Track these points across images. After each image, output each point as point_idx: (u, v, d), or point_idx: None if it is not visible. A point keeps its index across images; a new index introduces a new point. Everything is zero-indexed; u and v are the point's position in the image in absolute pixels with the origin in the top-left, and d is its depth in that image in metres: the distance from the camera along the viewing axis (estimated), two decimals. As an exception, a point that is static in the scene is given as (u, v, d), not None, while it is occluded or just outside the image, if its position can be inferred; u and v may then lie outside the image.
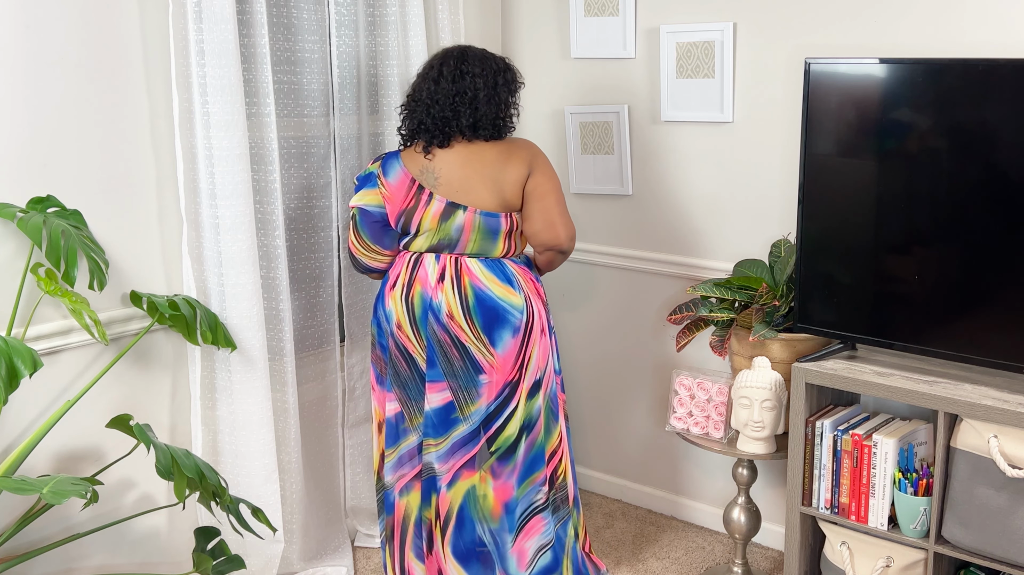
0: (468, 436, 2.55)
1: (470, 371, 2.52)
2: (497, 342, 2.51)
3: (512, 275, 2.56)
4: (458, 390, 2.53)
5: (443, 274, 2.54)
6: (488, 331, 2.51)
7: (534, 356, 2.56)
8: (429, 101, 2.54)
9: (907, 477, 2.46)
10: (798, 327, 2.70)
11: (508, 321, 2.51)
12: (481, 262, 2.55)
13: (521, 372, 2.54)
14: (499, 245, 2.55)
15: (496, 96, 2.55)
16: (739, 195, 3.08)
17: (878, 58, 2.52)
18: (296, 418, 2.89)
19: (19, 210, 2.24)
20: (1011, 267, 2.33)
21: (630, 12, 3.20)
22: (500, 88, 2.56)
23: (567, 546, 2.67)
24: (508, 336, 2.51)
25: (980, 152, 2.36)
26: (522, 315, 2.53)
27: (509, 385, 2.53)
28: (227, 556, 2.47)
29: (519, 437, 2.55)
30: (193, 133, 2.55)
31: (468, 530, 2.59)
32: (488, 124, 2.54)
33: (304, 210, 2.94)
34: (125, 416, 2.26)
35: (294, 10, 2.82)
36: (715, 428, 2.84)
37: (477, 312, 2.51)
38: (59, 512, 2.43)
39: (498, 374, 2.52)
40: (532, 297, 2.57)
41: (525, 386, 2.55)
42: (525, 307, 2.54)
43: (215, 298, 2.64)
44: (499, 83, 2.56)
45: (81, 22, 2.35)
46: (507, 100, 2.58)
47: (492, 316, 2.51)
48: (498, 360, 2.51)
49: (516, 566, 2.59)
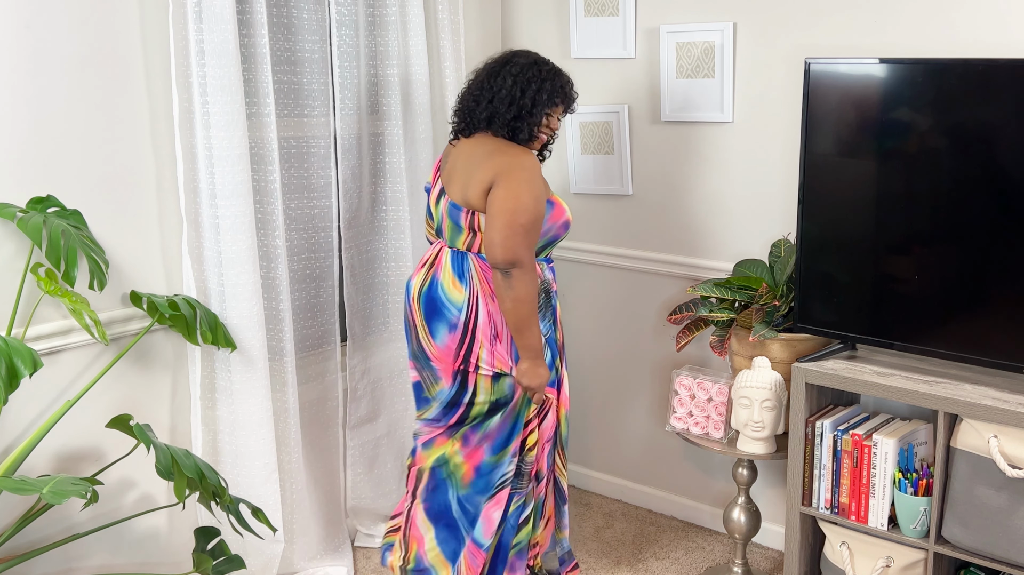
0: (439, 414, 2.63)
1: (425, 354, 2.60)
2: (435, 334, 2.56)
3: (468, 270, 2.54)
4: (421, 370, 2.63)
5: (429, 259, 2.61)
6: (428, 321, 2.57)
7: (483, 358, 2.53)
8: (465, 93, 2.60)
9: (907, 477, 2.46)
10: (798, 327, 2.70)
11: (444, 316, 2.53)
12: (451, 253, 2.57)
13: (467, 364, 2.53)
14: (462, 238, 2.55)
15: (521, 100, 2.51)
16: (739, 195, 3.08)
17: (878, 58, 2.52)
18: (296, 418, 2.89)
19: (19, 210, 2.24)
20: (1011, 267, 2.33)
21: (630, 12, 3.20)
22: (529, 94, 2.51)
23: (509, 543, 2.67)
24: (444, 330, 2.53)
25: (980, 152, 2.36)
26: (459, 313, 2.51)
27: (460, 372, 2.55)
28: (227, 556, 2.47)
29: (490, 413, 2.59)
30: (193, 133, 2.55)
31: (440, 493, 2.67)
32: (503, 123, 2.52)
33: (304, 210, 2.94)
34: (125, 416, 2.26)
35: (294, 10, 2.82)
36: (715, 428, 2.84)
37: (422, 301, 2.57)
38: (59, 512, 2.43)
39: (443, 363, 2.56)
40: (481, 297, 2.52)
41: (483, 374, 2.54)
42: (465, 305, 2.51)
43: (215, 298, 2.64)
44: (531, 90, 2.51)
45: (81, 22, 2.35)
46: (531, 108, 2.51)
47: (431, 308, 2.56)
48: (437, 350, 2.56)
49: (482, 533, 2.61)
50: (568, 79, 2.59)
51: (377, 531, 3.24)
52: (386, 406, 3.23)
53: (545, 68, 2.55)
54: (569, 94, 2.58)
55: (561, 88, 2.56)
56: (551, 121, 2.57)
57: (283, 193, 2.86)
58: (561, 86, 2.56)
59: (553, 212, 2.56)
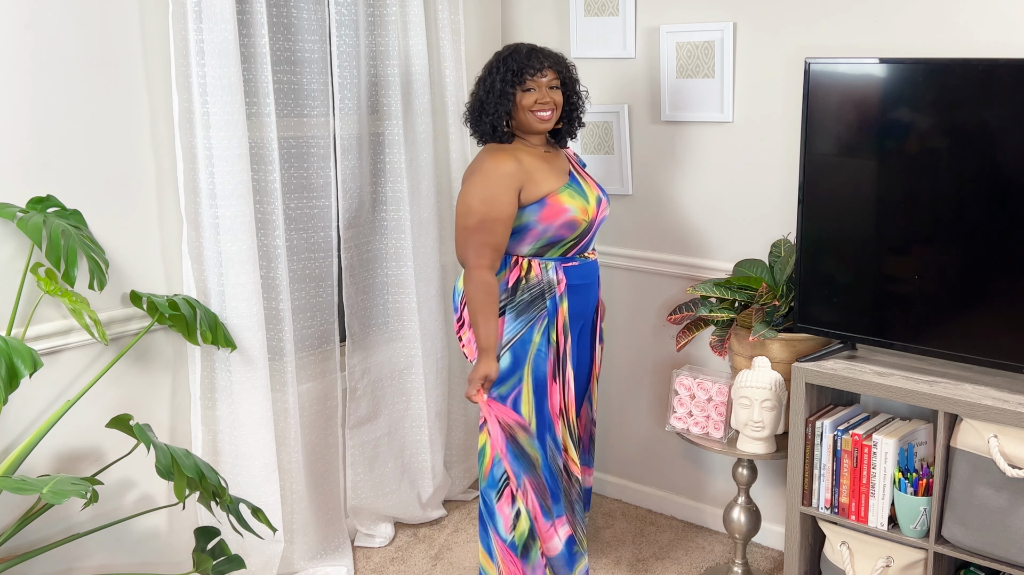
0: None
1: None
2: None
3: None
4: None
5: None
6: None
7: (464, 338, 2.71)
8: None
9: (907, 477, 2.46)
10: (798, 327, 2.70)
11: (454, 301, 2.76)
12: None
13: (460, 343, 2.74)
14: None
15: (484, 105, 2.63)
16: (739, 195, 3.08)
17: (878, 58, 2.52)
18: (296, 418, 2.89)
19: (19, 210, 2.24)
20: (1011, 267, 2.33)
21: (630, 12, 3.20)
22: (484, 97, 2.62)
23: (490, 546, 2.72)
24: (453, 316, 2.81)
25: (980, 152, 2.36)
26: (456, 298, 2.73)
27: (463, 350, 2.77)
28: (227, 556, 2.47)
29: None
30: (193, 133, 2.55)
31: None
32: (476, 132, 2.67)
33: (304, 210, 2.94)
34: (125, 416, 2.26)
35: (294, 10, 2.82)
36: (715, 428, 2.84)
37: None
38: (59, 512, 2.43)
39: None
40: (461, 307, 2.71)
41: (466, 354, 2.74)
42: (460, 292, 2.70)
43: (215, 298, 2.64)
44: (480, 92, 2.64)
45: (81, 22, 2.35)
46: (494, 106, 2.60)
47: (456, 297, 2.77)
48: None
49: (502, 527, 2.66)
50: (507, 53, 2.59)
51: (377, 531, 3.25)
52: (386, 406, 3.23)
53: (492, 61, 2.62)
54: (513, 66, 2.56)
55: (507, 69, 2.56)
56: (524, 99, 2.57)
57: (283, 193, 2.86)
58: (507, 68, 2.56)
59: (544, 212, 2.54)
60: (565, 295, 2.61)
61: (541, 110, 2.56)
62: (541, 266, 2.59)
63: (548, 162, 2.62)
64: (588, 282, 2.69)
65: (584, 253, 2.67)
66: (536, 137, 2.63)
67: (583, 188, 2.63)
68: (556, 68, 2.60)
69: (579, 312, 2.67)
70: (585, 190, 2.63)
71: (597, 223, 2.66)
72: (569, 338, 2.63)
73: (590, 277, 2.69)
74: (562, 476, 2.67)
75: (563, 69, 2.62)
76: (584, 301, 2.68)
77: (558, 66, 2.61)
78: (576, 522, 2.72)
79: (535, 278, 2.59)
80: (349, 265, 3.06)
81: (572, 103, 2.66)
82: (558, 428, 2.64)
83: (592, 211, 2.62)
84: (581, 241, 2.63)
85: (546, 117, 2.58)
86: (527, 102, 2.55)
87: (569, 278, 2.62)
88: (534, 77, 2.55)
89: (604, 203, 2.68)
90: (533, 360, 2.58)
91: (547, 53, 2.61)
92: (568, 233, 2.59)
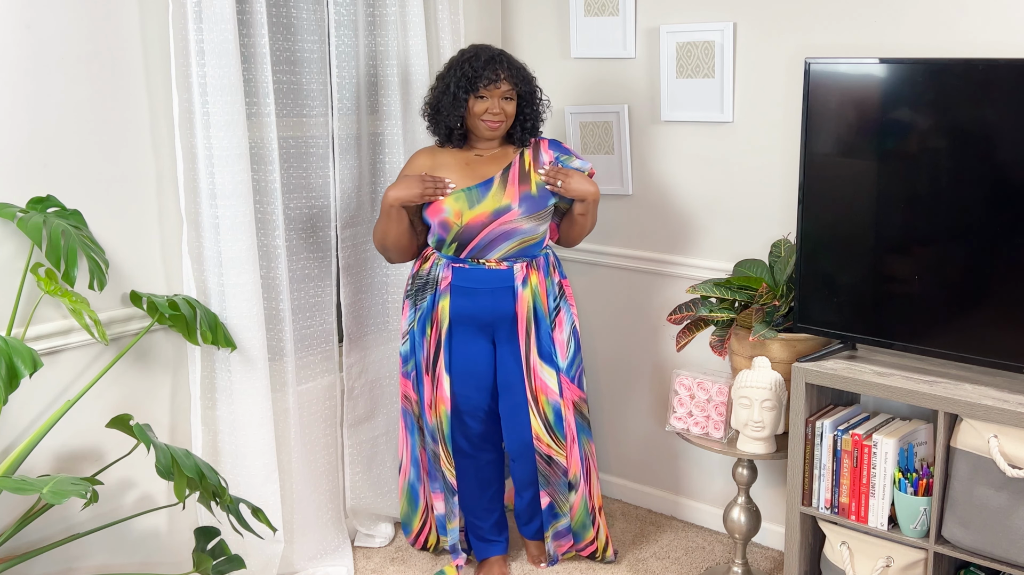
0: None
1: None
2: None
3: None
4: None
5: None
6: None
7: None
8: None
9: (907, 477, 2.46)
10: (798, 327, 2.70)
11: None
12: None
13: None
14: None
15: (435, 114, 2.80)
16: (739, 195, 3.08)
17: (878, 58, 2.52)
18: (296, 418, 2.89)
19: (19, 210, 2.24)
20: (1011, 267, 2.33)
21: (630, 12, 3.20)
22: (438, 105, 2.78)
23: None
24: None
25: (980, 152, 2.36)
26: None
27: None
28: (227, 556, 2.47)
29: None
30: (193, 133, 2.55)
31: None
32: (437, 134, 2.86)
33: (304, 210, 2.94)
34: (125, 416, 2.26)
35: (294, 10, 2.82)
36: (715, 428, 2.84)
37: None
38: (59, 512, 2.43)
39: None
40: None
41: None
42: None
43: (215, 298, 2.64)
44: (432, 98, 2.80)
45: (81, 22, 2.35)
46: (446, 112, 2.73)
47: None
48: None
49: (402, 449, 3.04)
50: (468, 56, 2.68)
51: (377, 531, 3.25)
52: (384, 405, 3.23)
53: (455, 59, 2.72)
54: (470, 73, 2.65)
55: (463, 75, 2.66)
56: (476, 106, 2.67)
57: (283, 193, 2.86)
58: (462, 73, 2.66)
59: (429, 209, 2.72)
60: (447, 293, 2.72)
61: (491, 120, 2.68)
62: (433, 261, 2.76)
63: (474, 166, 2.73)
64: (480, 287, 2.72)
65: (481, 259, 2.71)
66: (486, 141, 2.77)
67: (485, 194, 2.69)
68: (513, 80, 2.68)
69: (468, 315, 2.74)
70: (487, 196, 2.68)
71: (482, 230, 2.68)
72: (443, 336, 2.76)
73: (483, 283, 2.72)
74: (439, 461, 2.86)
75: (520, 81, 2.70)
76: (475, 306, 2.73)
77: (515, 78, 2.68)
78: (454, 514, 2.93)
79: (425, 271, 2.78)
80: (346, 265, 3.06)
81: (525, 114, 2.75)
82: (430, 418, 2.82)
83: (468, 217, 2.66)
84: (467, 245, 2.70)
85: (494, 126, 2.70)
86: (478, 110, 2.68)
87: (455, 278, 2.73)
88: (488, 87, 2.65)
89: (512, 214, 2.69)
90: (419, 346, 2.80)
91: (507, 63, 2.69)
92: (444, 233, 2.70)
